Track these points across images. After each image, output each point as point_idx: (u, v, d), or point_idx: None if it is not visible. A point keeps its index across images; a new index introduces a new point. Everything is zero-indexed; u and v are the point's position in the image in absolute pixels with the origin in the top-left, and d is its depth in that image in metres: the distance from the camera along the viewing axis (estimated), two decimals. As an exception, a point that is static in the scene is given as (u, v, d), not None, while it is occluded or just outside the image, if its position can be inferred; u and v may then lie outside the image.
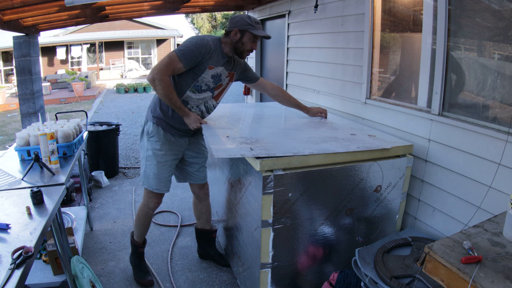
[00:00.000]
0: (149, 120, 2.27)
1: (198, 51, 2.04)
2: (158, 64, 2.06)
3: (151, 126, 2.25)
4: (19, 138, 2.35)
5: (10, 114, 10.28)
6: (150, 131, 2.25)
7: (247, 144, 1.92)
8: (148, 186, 2.31)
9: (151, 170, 2.27)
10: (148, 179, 2.29)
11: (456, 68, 2.09)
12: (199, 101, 2.23)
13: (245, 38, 2.12)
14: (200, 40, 2.07)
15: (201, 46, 2.05)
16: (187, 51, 2.03)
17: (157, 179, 2.28)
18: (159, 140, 2.24)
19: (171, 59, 2.03)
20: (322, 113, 2.64)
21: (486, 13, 1.96)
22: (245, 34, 2.11)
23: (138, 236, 2.48)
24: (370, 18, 2.70)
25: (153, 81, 2.04)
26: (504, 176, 1.74)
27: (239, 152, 1.80)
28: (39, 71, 4.50)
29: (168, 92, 2.05)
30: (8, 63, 16.93)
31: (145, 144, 2.28)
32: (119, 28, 19.71)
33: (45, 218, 1.53)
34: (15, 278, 1.16)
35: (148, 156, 2.27)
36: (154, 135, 2.24)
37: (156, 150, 2.24)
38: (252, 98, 5.99)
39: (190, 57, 2.04)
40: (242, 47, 2.14)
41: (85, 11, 4.12)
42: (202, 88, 2.18)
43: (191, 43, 2.06)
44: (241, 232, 2.24)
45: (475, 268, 1.13)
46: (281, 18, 4.61)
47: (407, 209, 2.36)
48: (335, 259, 2.14)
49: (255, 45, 2.16)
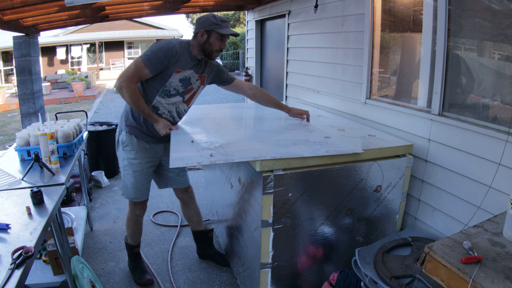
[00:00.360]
0: (122, 129, 2.24)
1: (164, 55, 2.00)
2: (124, 71, 2.03)
3: (125, 135, 2.22)
4: (19, 138, 2.35)
5: (10, 114, 10.29)
6: (124, 140, 2.22)
7: (209, 150, 1.84)
8: (127, 196, 2.32)
9: (129, 179, 2.27)
10: (127, 188, 2.30)
11: (456, 68, 2.09)
12: (170, 106, 2.18)
13: (212, 39, 2.06)
14: (166, 44, 2.03)
15: (167, 50, 2.01)
16: (152, 56, 2.00)
17: (135, 188, 2.28)
18: (133, 149, 2.21)
19: (137, 66, 2.00)
20: (303, 115, 2.56)
21: (486, 13, 1.96)
22: (212, 34, 2.06)
23: (133, 241, 2.50)
24: (370, 18, 2.70)
25: (120, 89, 2.01)
26: (504, 176, 1.74)
27: (196, 160, 1.72)
28: (39, 71, 4.50)
29: (135, 99, 2.03)
30: (8, 63, 16.93)
31: (121, 154, 2.27)
32: (119, 28, 19.73)
33: (45, 218, 1.53)
34: (15, 278, 1.16)
35: (125, 166, 2.26)
36: (128, 144, 2.21)
37: (131, 159, 2.22)
38: (252, 98, 5.99)
39: (156, 62, 2.00)
40: (210, 48, 2.09)
41: (85, 11, 4.12)
42: (171, 93, 2.14)
43: (157, 48, 2.02)
44: (241, 232, 2.24)
45: (475, 268, 1.13)
46: (281, 18, 4.61)
47: (407, 209, 2.36)
48: (335, 259, 2.14)
49: (224, 44, 2.10)
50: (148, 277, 2.45)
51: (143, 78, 2.06)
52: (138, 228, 2.47)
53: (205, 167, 3.42)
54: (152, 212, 3.49)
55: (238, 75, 18.99)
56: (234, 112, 3.12)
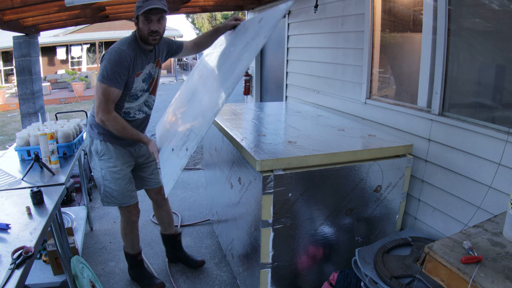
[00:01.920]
0: (94, 138, 2.12)
1: (122, 68, 1.89)
2: (96, 103, 1.93)
3: (99, 144, 2.11)
4: (19, 138, 2.35)
5: (10, 114, 10.29)
6: (99, 150, 2.12)
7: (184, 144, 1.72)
8: (115, 204, 2.21)
9: (112, 187, 2.15)
10: (113, 197, 2.18)
11: (456, 68, 2.09)
12: (140, 105, 2.13)
13: (140, 23, 1.92)
14: (118, 55, 1.88)
15: (122, 61, 1.88)
16: (112, 75, 1.87)
17: (122, 195, 2.18)
18: (111, 156, 2.12)
19: (104, 93, 1.89)
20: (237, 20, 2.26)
21: (486, 13, 1.96)
22: (139, 19, 1.92)
23: (134, 249, 2.41)
24: (370, 18, 2.70)
25: (103, 123, 1.95)
26: (504, 176, 1.74)
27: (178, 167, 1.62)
28: (39, 71, 4.50)
29: (121, 129, 1.95)
30: (8, 63, 16.92)
31: (97, 164, 2.15)
32: (119, 28, 19.71)
33: (45, 218, 1.54)
34: (15, 278, 1.16)
35: (104, 176, 2.15)
36: (104, 153, 2.11)
37: (110, 167, 2.12)
38: (252, 98, 5.99)
39: (120, 79, 1.90)
40: (142, 33, 1.94)
41: (85, 11, 4.12)
42: (138, 95, 2.08)
43: (111, 64, 1.87)
44: (241, 232, 2.24)
45: (475, 268, 1.13)
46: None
47: (407, 209, 2.36)
48: (335, 259, 2.14)
49: (153, 24, 1.91)
50: (159, 281, 2.41)
51: (116, 100, 1.96)
52: (137, 235, 2.39)
53: (204, 167, 3.42)
54: (151, 212, 3.48)
55: (238, 75, 18.96)
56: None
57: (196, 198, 3.87)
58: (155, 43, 2.00)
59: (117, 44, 1.95)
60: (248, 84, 5.93)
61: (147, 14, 1.89)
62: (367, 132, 2.41)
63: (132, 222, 2.31)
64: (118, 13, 4.71)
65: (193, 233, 3.14)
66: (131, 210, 2.26)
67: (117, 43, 1.96)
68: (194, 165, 5.01)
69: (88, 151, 2.19)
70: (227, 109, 3.04)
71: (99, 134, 2.11)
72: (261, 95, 5.84)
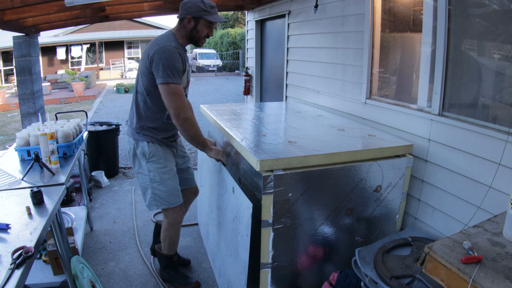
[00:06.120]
0: (140, 140, 2.10)
1: (179, 64, 1.92)
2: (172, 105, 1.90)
3: (146, 146, 2.09)
4: (19, 138, 2.35)
5: (10, 114, 10.29)
6: (147, 152, 2.09)
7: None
8: (164, 206, 2.18)
9: (161, 189, 2.13)
10: (161, 199, 2.16)
11: (456, 68, 2.09)
12: None
13: (200, 25, 1.96)
14: (171, 54, 1.89)
15: (177, 58, 1.91)
16: (175, 71, 1.89)
17: (171, 195, 2.17)
18: (160, 157, 2.11)
19: (175, 91, 1.89)
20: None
21: (486, 13, 1.96)
22: (200, 21, 1.95)
23: (172, 250, 2.40)
24: (370, 18, 2.70)
25: (184, 123, 1.92)
26: (504, 176, 1.74)
27: None
28: (39, 71, 4.50)
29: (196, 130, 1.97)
30: (8, 63, 16.93)
31: (145, 168, 2.12)
32: (119, 28, 19.73)
33: (45, 218, 1.53)
34: (15, 278, 1.16)
35: (153, 178, 2.12)
36: (153, 155, 2.10)
37: (160, 168, 2.11)
38: (252, 98, 5.99)
39: (179, 74, 1.93)
40: (198, 35, 1.98)
41: (85, 11, 4.12)
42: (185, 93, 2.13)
43: (170, 62, 1.88)
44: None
45: (475, 268, 1.13)
46: (281, 18, 4.61)
47: (407, 209, 2.36)
48: (335, 259, 2.14)
49: (211, 31, 2.01)
50: (195, 280, 2.41)
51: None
52: (178, 234, 2.36)
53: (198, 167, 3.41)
54: (152, 212, 3.49)
55: (238, 75, 19.00)
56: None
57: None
58: (201, 46, 2.11)
59: (163, 43, 1.92)
60: (248, 84, 5.93)
61: (213, 22, 1.98)
62: (367, 132, 2.41)
63: (177, 223, 2.28)
64: (118, 13, 4.71)
65: (193, 233, 3.15)
66: (178, 211, 2.24)
67: (162, 42, 1.93)
68: (194, 165, 5.01)
69: (132, 155, 2.15)
70: (227, 109, 3.04)
71: (145, 136, 2.09)
72: (261, 95, 5.85)
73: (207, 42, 24.11)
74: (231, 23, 26.82)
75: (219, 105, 3.33)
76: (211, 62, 20.26)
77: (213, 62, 20.34)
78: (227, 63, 21.30)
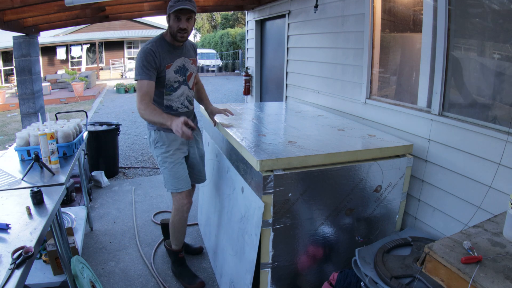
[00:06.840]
0: (151, 129, 2.31)
1: (147, 62, 2.08)
2: (136, 97, 2.12)
3: (153, 133, 2.28)
4: (19, 138, 2.35)
5: (10, 114, 10.29)
6: (154, 138, 2.29)
7: None
8: (171, 189, 2.31)
9: (167, 173, 2.29)
10: (168, 182, 2.31)
11: (456, 68, 2.09)
12: (181, 98, 2.29)
13: (171, 21, 2.12)
14: (142, 53, 2.11)
15: (146, 56, 2.09)
16: (141, 69, 2.08)
17: (175, 179, 2.28)
18: (164, 143, 2.27)
19: (138, 86, 2.10)
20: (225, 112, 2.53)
21: (486, 13, 1.96)
22: (170, 17, 2.12)
23: (178, 244, 2.46)
24: (370, 18, 2.70)
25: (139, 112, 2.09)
26: (504, 176, 1.74)
27: None
28: (39, 71, 4.50)
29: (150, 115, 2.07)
30: (8, 63, 16.93)
31: (154, 153, 2.33)
32: (119, 28, 19.73)
33: (45, 218, 1.53)
34: (15, 278, 1.16)
35: (160, 162, 2.31)
36: (158, 141, 2.28)
37: (163, 153, 2.27)
38: (252, 98, 5.99)
39: (148, 70, 2.09)
40: (171, 30, 2.14)
41: (85, 11, 4.12)
42: (175, 86, 2.24)
43: (139, 61, 2.11)
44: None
45: (475, 268, 1.13)
46: (281, 18, 4.61)
47: (407, 209, 2.36)
48: (335, 259, 2.14)
49: (182, 23, 2.10)
50: (200, 280, 2.43)
51: (152, 91, 2.12)
52: (184, 227, 2.42)
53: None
54: (152, 212, 3.49)
55: (238, 75, 19.00)
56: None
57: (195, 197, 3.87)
58: (183, 40, 2.19)
59: (144, 45, 2.18)
60: (248, 84, 5.93)
61: (177, 13, 2.08)
62: (367, 132, 2.41)
63: (182, 211, 2.33)
64: (118, 13, 4.71)
65: (193, 233, 3.15)
66: (183, 197, 2.31)
67: (145, 44, 2.20)
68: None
69: (149, 144, 2.37)
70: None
71: (152, 125, 2.27)
72: (261, 95, 5.85)
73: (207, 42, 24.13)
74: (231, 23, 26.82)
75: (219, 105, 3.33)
76: (211, 62, 20.27)
77: (213, 62, 20.34)
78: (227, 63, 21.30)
